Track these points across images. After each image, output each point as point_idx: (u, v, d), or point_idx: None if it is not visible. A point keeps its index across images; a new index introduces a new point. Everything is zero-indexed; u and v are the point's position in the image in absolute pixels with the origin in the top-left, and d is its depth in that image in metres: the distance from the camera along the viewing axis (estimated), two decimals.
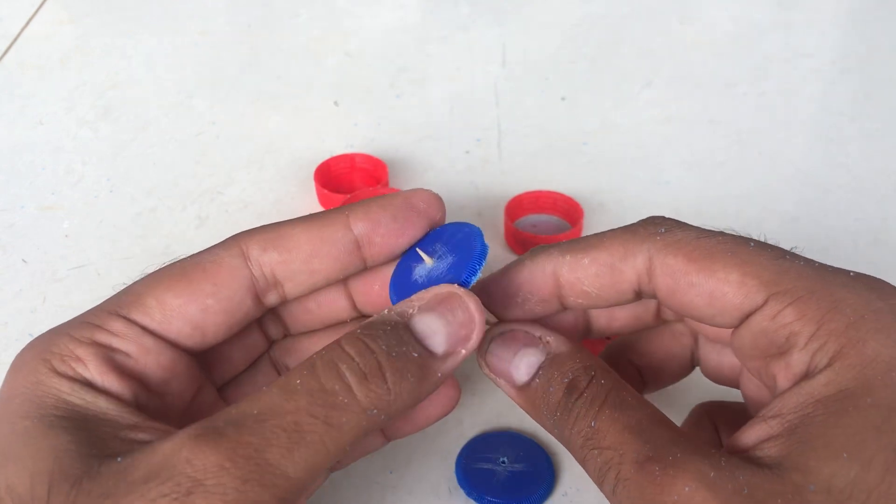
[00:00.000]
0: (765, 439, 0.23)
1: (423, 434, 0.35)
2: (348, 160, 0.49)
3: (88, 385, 0.24)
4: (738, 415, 0.30)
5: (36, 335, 0.39)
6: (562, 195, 0.46)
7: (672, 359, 0.31)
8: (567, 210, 0.46)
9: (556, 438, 0.27)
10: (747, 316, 0.25)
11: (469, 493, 0.33)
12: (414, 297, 0.26)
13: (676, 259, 0.25)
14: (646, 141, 0.53)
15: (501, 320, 0.29)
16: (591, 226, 0.46)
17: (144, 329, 0.26)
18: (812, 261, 0.25)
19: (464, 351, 0.26)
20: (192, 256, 0.27)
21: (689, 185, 0.50)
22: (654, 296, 0.27)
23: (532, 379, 0.27)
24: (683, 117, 0.55)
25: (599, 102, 0.57)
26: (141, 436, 0.24)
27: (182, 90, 0.58)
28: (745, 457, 0.23)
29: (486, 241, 0.28)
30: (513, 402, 0.36)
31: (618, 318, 0.30)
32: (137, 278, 0.28)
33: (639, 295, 0.27)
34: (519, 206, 0.46)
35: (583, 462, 0.25)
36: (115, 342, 0.25)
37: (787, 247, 0.26)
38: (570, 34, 0.66)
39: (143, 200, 0.48)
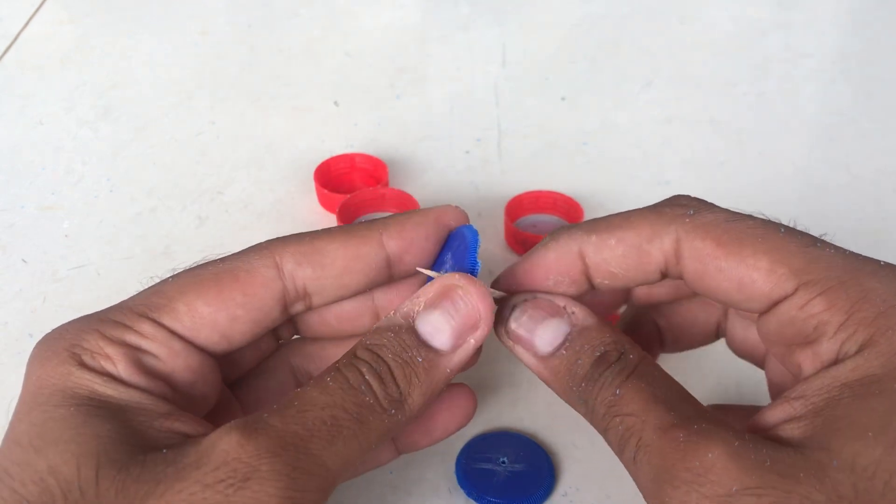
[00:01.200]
0: (788, 419, 0.23)
1: None
2: (348, 160, 0.49)
3: (116, 379, 0.25)
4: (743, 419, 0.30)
5: (36, 335, 0.39)
6: (562, 195, 0.46)
7: (696, 325, 0.31)
8: (567, 210, 0.46)
9: (577, 409, 0.26)
10: (776, 303, 0.25)
11: (469, 493, 0.33)
12: (419, 292, 0.26)
13: (705, 243, 0.25)
14: (646, 141, 0.53)
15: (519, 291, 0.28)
16: None
17: (173, 333, 0.26)
18: (842, 249, 0.25)
19: (473, 340, 0.26)
20: (224, 261, 0.27)
21: (689, 185, 0.50)
22: (680, 277, 0.27)
23: (557, 350, 0.27)
24: (683, 117, 0.55)
25: (599, 102, 0.57)
26: (177, 425, 0.24)
27: (182, 90, 0.58)
28: (768, 435, 0.23)
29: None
30: (513, 402, 0.36)
31: (656, 290, 0.30)
32: (165, 276, 0.27)
33: (665, 276, 0.27)
34: (519, 206, 0.46)
35: (604, 432, 0.25)
36: (145, 344, 0.25)
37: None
38: (570, 34, 0.66)
39: (143, 200, 0.48)
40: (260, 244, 0.28)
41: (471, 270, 0.26)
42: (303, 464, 0.22)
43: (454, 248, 0.28)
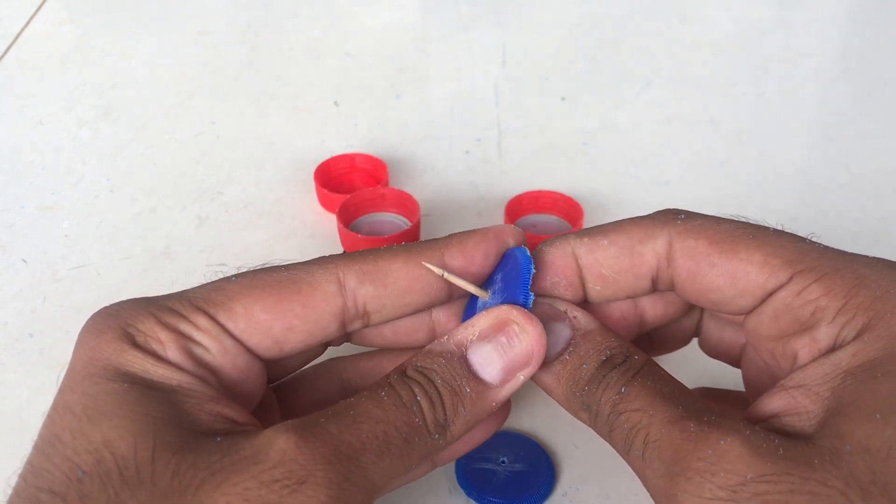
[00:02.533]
0: (789, 410, 0.23)
1: None
2: (348, 160, 0.49)
3: (168, 363, 0.25)
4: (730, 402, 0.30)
5: (36, 335, 0.39)
6: (562, 195, 0.46)
7: (675, 328, 0.31)
8: (567, 210, 0.46)
9: (578, 416, 0.26)
10: (769, 294, 0.25)
11: (469, 493, 0.33)
12: (473, 320, 0.26)
13: (698, 242, 0.26)
14: (646, 141, 0.53)
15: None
16: (590, 226, 0.46)
17: (226, 331, 0.26)
18: (829, 247, 0.25)
19: (522, 377, 0.26)
20: (288, 269, 0.27)
21: (689, 185, 0.50)
22: (670, 283, 0.27)
23: (559, 355, 0.26)
24: (683, 117, 0.55)
25: (599, 102, 0.57)
26: (225, 410, 0.24)
27: (182, 90, 0.58)
28: (770, 425, 0.23)
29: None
30: (513, 402, 0.36)
31: (671, 305, 0.30)
32: (230, 275, 0.27)
33: (655, 284, 0.27)
34: (519, 206, 0.46)
35: (609, 433, 0.25)
36: (197, 335, 0.25)
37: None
38: (570, 34, 0.66)
39: (143, 200, 0.48)
40: (325, 258, 0.27)
41: (524, 303, 0.26)
42: (353, 475, 0.23)
43: (506, 271, 0.28)
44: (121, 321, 0.25)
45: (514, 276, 0.27)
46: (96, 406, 0.23)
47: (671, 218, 0.27)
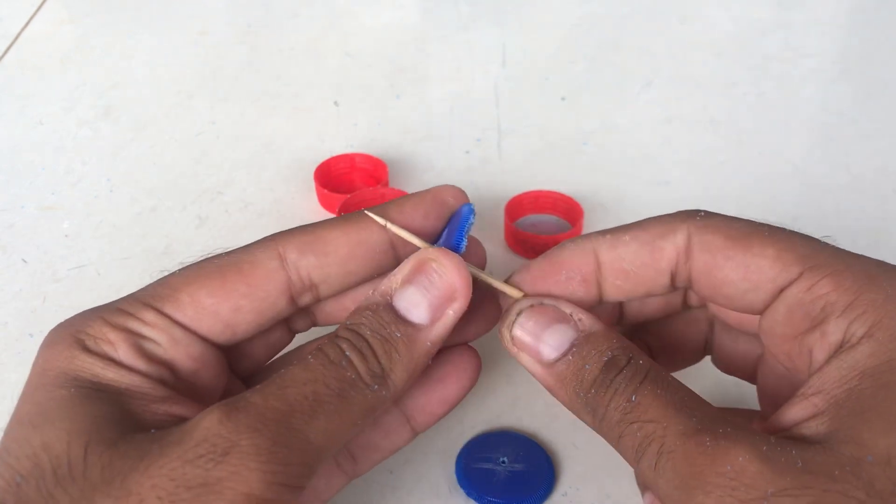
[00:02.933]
0: (808, 417, 0.23)
1: (423, 434, 0.35)
2: (348, 160, 0.49)
3: (119, 364, 0.25)
4: None
5: (36, 335, 0.39)
6: (562, 195, 0.46)
7: (685, 343, 0.31)
8: (567, 210, 0.46)
9: (582, 417, 0.26)
10: (781, 290, 0.25)
11: (469, 493, 0.33)
12: (396, 270, 0.27)
13: (715, 237, 0.26)
14: (646, 141, 0.53)
15: (527, 294, 0.28)
16: (591, 226, 0.46)
17: (175, 322, 0.26)
18: (842, 248, 0.26)
19: (451, 312, 0.26)
20: (228, 254, 0.27)
21: (689, 185, 0.50)
22: (687, 279, 0.27)
23: (563, 356, 0.26)
24: (683, 117, 0.55)
25: (599, 102, 0.57)
26: (174, 409, 0.25)
27: (182, 90, 0.58)
28: (790, 435, 0.23)
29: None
30: (513, 402, 0.36)
31: (649, 304, 0.30)
32: (174, 269, 0.28)
33: (674, 281, 0.27)
34: (519, 206, 0.46)
35: (617, 439, 0.25)
36: (146, 331, 0.26)
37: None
38: (570, 34, 0.66)
39: (143, 200, 0.48)
40: (264, 238, 0.28)
41: (455, 247, 0.27)
42: (283, 438, 0.23)
43: (450, 226, 0.28)
44: (72, 330, 0.26)
45: (454, 225, 0.27)
46: (42, 413, 0.24)
47: (691, 215, 0.27)
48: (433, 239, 0.29)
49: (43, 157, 0.51)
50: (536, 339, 0.27)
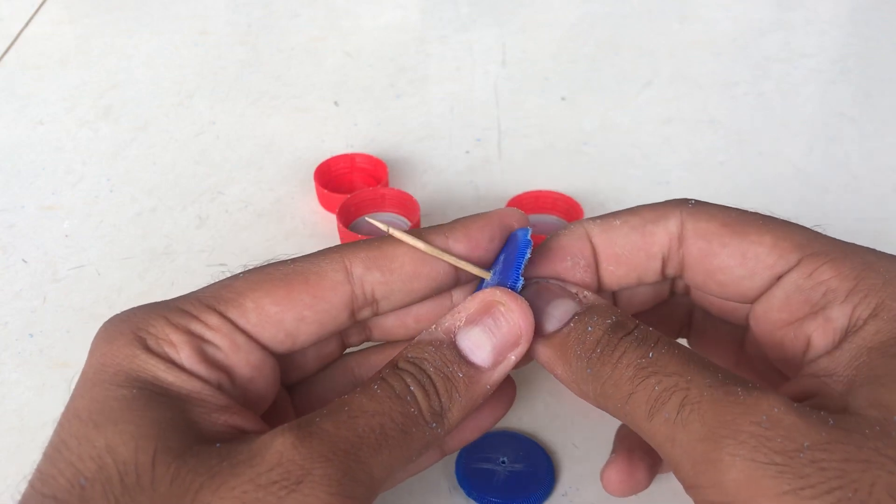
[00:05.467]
0: (816, 393, 0.23)
1: None
2: (348, 160, 0.49)
3: (178, 366, 0.25)
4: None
5: (36, 335, 0.39)
6: (562, 195, 0.46)
7: (661, 327, 0.31)
8: (567, 210, 0.46)
9: (582, 387, 0.25)
10: (778, 277, 0.25)
11: (469, 493, 0.33)
12: (460, 306, 0.26)
13: (710, 223, 0.26)
14: (646, 141, 0.53)
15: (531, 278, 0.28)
16: None
17: (238, 328, 0.26)
18: (836, 238, 0.26)
19: (513, 357, 0.26)
20: (294, 262, 0.27)
21: (689, 185, 0.50)
22: (679, 267, 0.27)
23: (564, 326, 0.26)
24: (683, 117, 0.55)
25: (599, 102, 0.57)
26: (234, 419, 0.24)
27: (182, 90, 0.58)
28: (808, 405, 0.22)
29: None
30: (513, 402, 0.36)
31: (640, 295, 0.30)
32: (238, 272, 0.27)
33: (665, 268, 0.27)
34: (519, 206, 0.46)
35: (626, 398, 0.24)
36: (209, 334, 0.25)
37: None
38: (570, 34, 0.66)
39: (143, 200, 0.48)
40: (330, 248, 0.28)
41: (513, 286, 0.26)
42: (352, 470, 0.22)
43: (507, 253, 0.28)
44: (133, 326, 0.25)
45: (511, 258, 0.27)
46: (103, 412, 0.23)
47: (682, 202, 0.27)
48: (485, 263, 0.29)
49: (43, 157, 0.51)
50: (539, 313, 0.27)
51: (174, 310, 0.26)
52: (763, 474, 0.20)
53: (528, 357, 0.28)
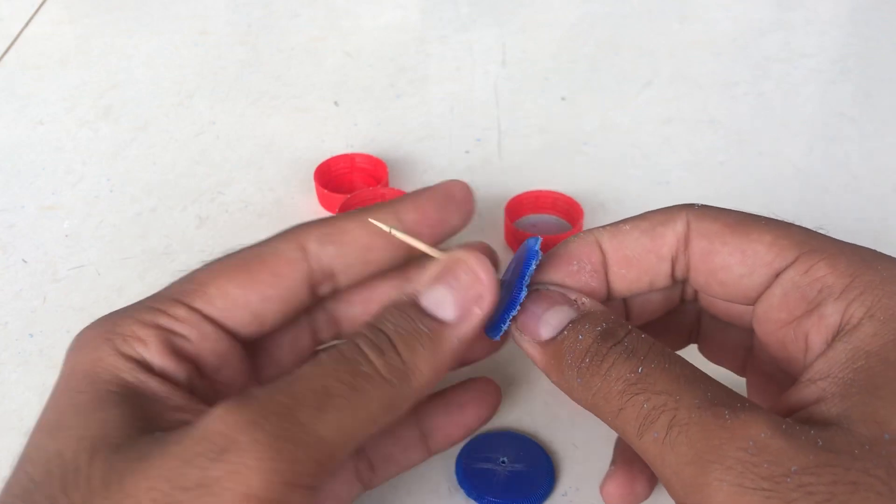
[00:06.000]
0: (816, 400, 0.22)
1: None
2: (348, 160, 0.49)
3: (145, 365, 0.25)
4: None
5: (36, 335, 0.39)
6: (562, 195, 0.46)
7: (669, 333, 0.31)
8: (567, 210, 0.46)
9: (574, 395, 0.26)
10: (777, 275, 0.25)
11: (469, 493, 0.33)
12: (422, 272, 0.27)
13: (713, 223, 0.27)
14: (646, 141, 0.53)
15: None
16: (590, 225, 0.45)
17: (205, 317, 0.26)
18: (836, 238, 0.26)
19: (478, 310, 0.26)
20: (251, 248, 0.28)
21: (689, 185, 0.50)
22: (685, 269, 0.27)
23: (559, 333, 0.26)
24: (683, 117, 0.55)
25: (599, 102, 0.57)
26: (186, 416, 0.24)
27: (182, 90, 0.58)
28: (800, 417, 0.22)
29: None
30: (513, 402, 0.36)
31: (651, 302, 0.30)
32: (199, 266, 0.28)
33: (674, 271, 0.28)
34: (519, 206, 0.46)
35: (616, 412, 0.24)
36: (177, 326, 0.26)
37: None
38: (570, 34, 0.66)
39: (143, 200, 0.48)
40: (285, 230, 0.28)
41: (517, 295, 0.27)
42: (288, 433, 0.22)
43: (517, 261, 0.28)
44: (101, 331, 0.26)
45: (518, 267, 0.27)
46: (59, 421, 0.24)
47: (688, 206, 0.28)
48: (441, 239, 0.30)
49: (43, 157, 0.51)
50: (536, 320, 0.27)
51: (142, 308, 0.26)
52: (750, 499, 0.20)
53: (506, 336, 0.28)
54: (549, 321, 0.27)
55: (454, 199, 0.29)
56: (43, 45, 0.63)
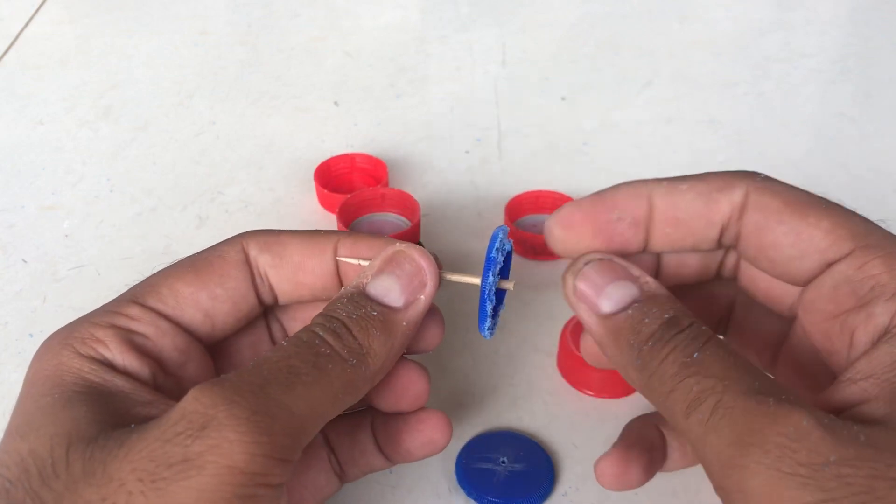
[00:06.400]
0: (860, 401, 0.22)
1: None
2: (348, 160, 0.49)
3: (108, 364, 0.26)
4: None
5: (36, 335, 0.39)
6: (562, 195, 0.46)
7: (701, 317, 0.31)
8: None
9: (628, 373, 0.26)
10: (829, 265, 0.25)
11: (469, 493, 0.33)
12: (367, 265, 0.28)
13: (773, 199, 0.26)
14: (646, 141, 0.53)
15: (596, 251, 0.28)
16: None
17: (159, 314, 0.27)
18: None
19: (423, 297, 0.27)
20: (198, 253, 0.29)
21: None
22: (735, 238, 0.27)
23: (621, 310, 0.26)
24: (683, 117, 0.55)
25: (599, 102, 0.57)
26: (154, 411, 0.25)
27: (182, 90, 0.58)
28: (844, 417, 0.22)
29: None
30: (512, 402, 0.36)
31: (687, 265, 0.30)
32: (150, 275, 0.29)
33: (721, 238, 0.27)
34: (519, 206, 0.46)
35: (667, 394, 0.24)
36: (133, 325, 0.27)
37: None
38: (570, 34, 0.66)
39: (143, 200, 0.48)
40: (233, 236, 0.29)
41: (485, 288, 0.28)
42: (263, 407, 0.23)
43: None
44: (61, 338, 0.26)
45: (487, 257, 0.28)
46: (29, 423, 0.24)
47: (751, 175, 0.27)
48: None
49: (43, 157, 0.51)
50: (598, 291, 0.27)
51: (98, 313, 0.27)
52: (787, 484, 0.20)
53: (438, 333, 0.30)
54: (611, 294, 0.26)
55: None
56: (43, 45, 0.63)
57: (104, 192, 0.48)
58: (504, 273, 0.29)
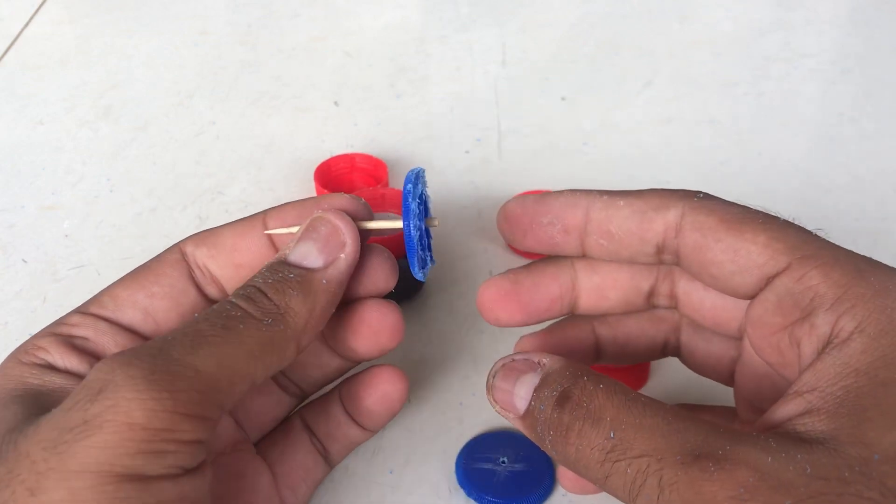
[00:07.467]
0: (802, 413, 0.22)
1: (423, 434, 0.35)
2: (348, 160, 0.49)
3: (49, 367, 0.27)
4: None
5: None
6: None
7: (641, 339, 0.31)
8: None
9: (563, 464, 0.25)
10: (769, 279, 0.25)
11: (469, 493, 0.33)
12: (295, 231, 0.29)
13: (709, 218, 0.26)
14: (646, 141, 0.53)
15: (517, 249, 0.29)
16: None
17: (99, 317, 0.28)
18: (833, 243, 0.26)
19: (343, 256, 0.28)
20: (144, 263, 0.30)
21: (689, 185, 0.49)
22: (675, 254, 0.27)
23: (529, 404, 0.26)
24: (683, 117, 0.55)
25: (599, 102, 0.57)
26: None
27: (182, 90, 0.58)
28: (787, 432, 0.22)
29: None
30: None
31: (608, 298, 0.30)
32: None
33: (660, 253, 0.27)
34: None
35: (604, 479, 0.23)
36: (73, 330, 0.28)
37: None
38: (570, 34, 0.66)
39: (143, 200, 0.48)
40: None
41: (408, 224, 0.29)
42: (163, 367, 0.23)
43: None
44: (9, 356, 0.28)
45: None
46: None
47: (689, 194, 0.27)
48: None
49: (43, 157, 0.51)
50: (510, 395, 0.27)
51: (43, 328, 0.28)
52: None
53: (384, 278, 0.30)
54: (518, 394, 0.26)
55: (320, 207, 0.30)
56: (43, 45, 0.63)
57: (104, 192, 0.48)
58: (426, 212, 0.31)
